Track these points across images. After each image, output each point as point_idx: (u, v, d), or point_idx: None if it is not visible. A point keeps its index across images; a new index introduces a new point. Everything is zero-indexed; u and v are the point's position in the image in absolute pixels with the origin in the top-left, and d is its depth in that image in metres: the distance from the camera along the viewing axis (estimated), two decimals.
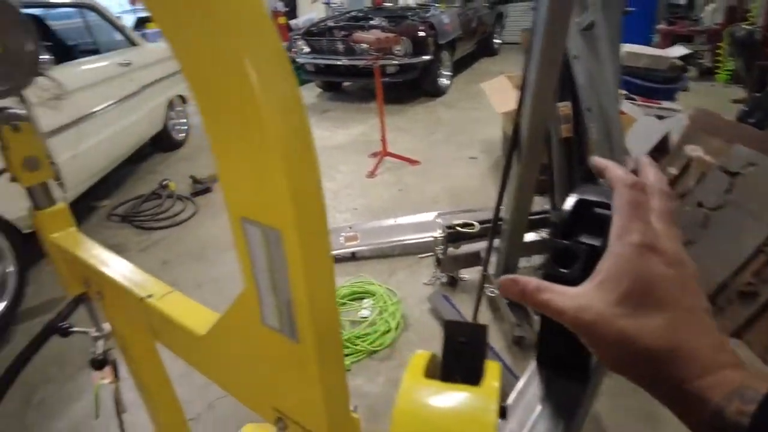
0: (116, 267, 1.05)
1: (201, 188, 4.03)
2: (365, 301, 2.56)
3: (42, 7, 4.05)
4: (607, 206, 0.43)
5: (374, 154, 4.61)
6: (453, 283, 2.70)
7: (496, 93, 4.08)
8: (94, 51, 4.05)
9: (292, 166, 0.52)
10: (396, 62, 5.93)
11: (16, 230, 2.61)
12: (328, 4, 9.57)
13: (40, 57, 1.07)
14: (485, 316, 2.36)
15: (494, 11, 9.16)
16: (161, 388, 1.32)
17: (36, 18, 3.97)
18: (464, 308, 2.40)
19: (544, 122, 1.82)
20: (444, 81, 6.86)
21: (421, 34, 6.06)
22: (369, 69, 4.69)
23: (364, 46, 4.57)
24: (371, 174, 4.30)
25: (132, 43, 4.45)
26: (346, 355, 2.24)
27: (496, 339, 2.26)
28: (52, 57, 3.09)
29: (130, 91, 3.99)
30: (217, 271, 3.05)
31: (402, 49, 5.91)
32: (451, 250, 2.56)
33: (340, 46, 6.21)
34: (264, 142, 0.49)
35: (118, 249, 2.55)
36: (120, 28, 4.40)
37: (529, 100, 1.70)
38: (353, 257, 3.04)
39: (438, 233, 2.62)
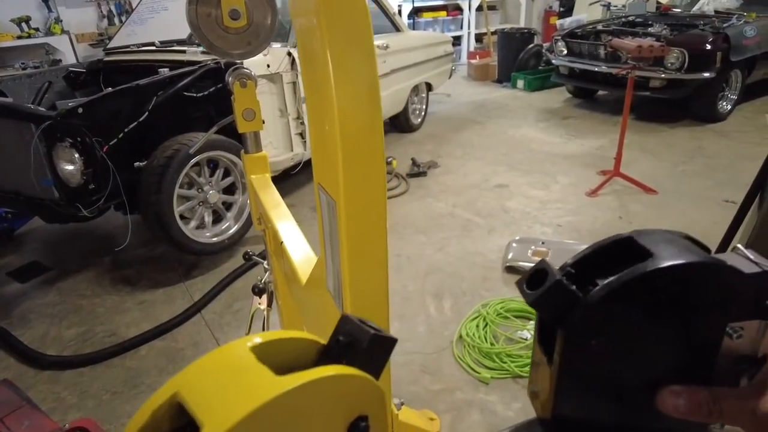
0: (279, 212, 1.21)
1: (417, 171, 4.27)
2: (531, 323, 2.38)
3: None
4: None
5: (604, 172, 4.15)
6: None
7: None
8: None
9: (349, 153, 0.52)
10: (663, 76, 5.15)
11: None
12: (607, 6, 8.84)
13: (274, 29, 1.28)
14: None
15: None
16: (295, 327, 1.49)
17: None
18: None
19: None
20: (725, 106, 5.68)
21: (707, 47, 5.10)
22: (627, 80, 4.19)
23: (623, 53, 4.10)
24: (593, 193, 3.89)
25: (396, 29, 4.92)
26: (490, 368, 2.14)
27: None
28: None
29: (381, 72, 4.45)
30: (404, 248, 3.22)
31: (676, 62, 5.10)
32: None
33: (602, 52, 5.69)
34: (332, 127, 0.51)
35: None
36: (389, 14, 4.90)
37: None
38: None
39: None
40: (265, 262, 1.58)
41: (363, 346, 0.29)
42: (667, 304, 0.35)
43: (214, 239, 3.03)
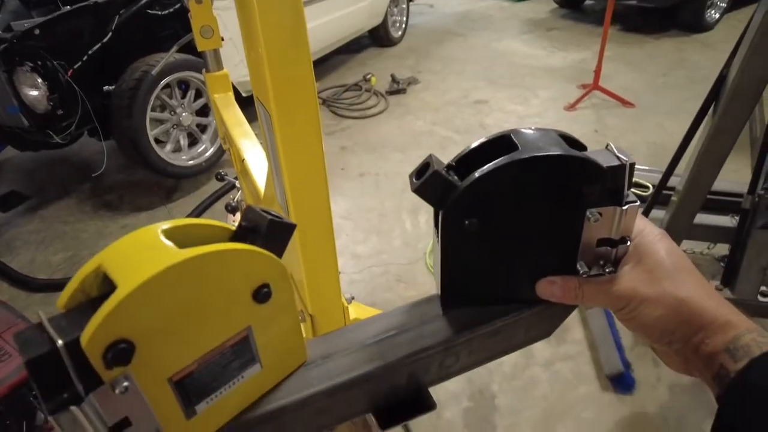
0: (241, 130, 1.24)
1: (396, 88, 4.20)
2: None
3: None
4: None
5: (584, 86, 4.13)
6: None
7: None
8: None
9: (276, 62, 0.55)
10: None
11: (237, 92, 3.16)
12: None
13: None
14: None
15: None
16: None
17: None
18: None
19: (759, 81, 1.39)
20: (713, 14, 5.53)
21: None
22: None
23: None
24: (571, 107, 3.89)
25: None
26: None
27: None
28: None
29: None
30: (382, 167, 3.26)
31: None
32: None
33: None
34: (257, 39, 0.53)
35: None
36: None
37: (752, 33, 1.31)
38: None
39: None
40: (237, 182, 1.63)
41: (263, 229, 0.34)
42: (530, 190, 0.41)
43: (191, 162, 3.04)
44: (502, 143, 0.42)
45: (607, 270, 0.43)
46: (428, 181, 0.40)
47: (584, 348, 1.98)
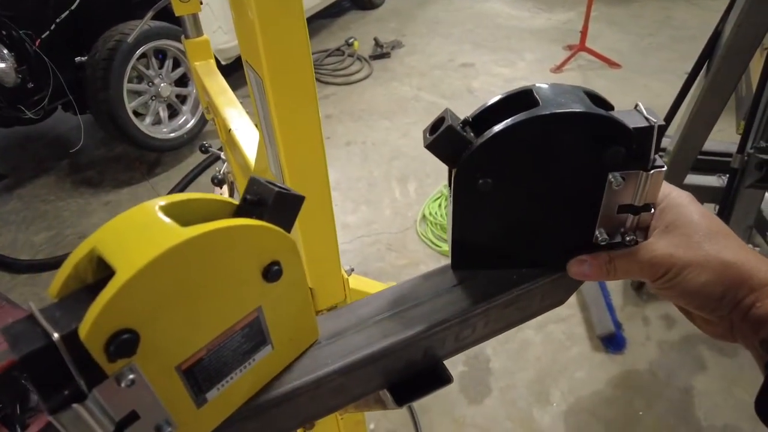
0: (226, 99, 1.19)
1: (380, 52, 4.09)
2: None
3: None
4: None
5: (570, 47, 4.07)
6: None
7: None
8: None
9: (268, 26, 0.51)
10: None
11: (216, 60, 3.04)
12: None
13: None
14: None
15: None
16: None
17: None
18: None
19: (761, 31, 1.36)
20: None
21: None
22: None
23: None
24: (557, 68, 3.84)
25: None
26: None
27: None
28: None
29: None
30: (369, 135, 3.21)
31: None
32: None
33: None
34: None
35: None
36: None
37: (742, 2, 1.28)
38: None
39: None
40: (222, 153, 1.57)
41: (269, 202, 0.32)
42: (549, 149, 0.38)
43: (173, 134, 2.95)
44: (522, 99, 0.40)
45: (627, 239, 0.41)
46: (441, 137, 0.38)
47: (576, 310, 2.01)
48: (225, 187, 1.52)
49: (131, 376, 0.26)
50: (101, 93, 2.50)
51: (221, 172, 1.53)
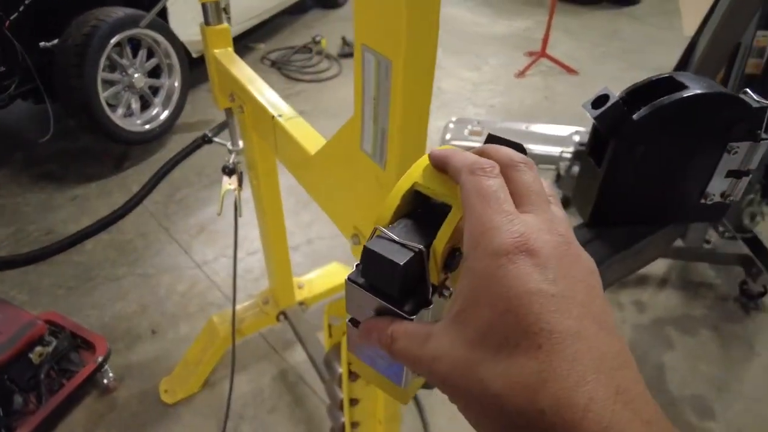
0: (258, 86, 1.20)
1: (349, 51, 4.14)
2: None
3: None
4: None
5: (531, 53, 4.30)
6: (567, 202, 2.60)
7: (692, 12, 3.45)
8: None
9: (414, 10, 0.56)
10: None
11: (187, 52, 2.97)
12: None
13: None
14: None
15: None
16: (273, 205, 1.54)
17: None
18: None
19: (728, 48, 1.55)
20: None
21: None
22: None
23: None
24: (520, 74, 4.05)
25: None
26: None
27: None
28: None
29: None
30: None
31: None
32: (575, 169, 2.43)
33: None
34: None
35: None
36: None
37: (717, 17, 1.45)
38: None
39: (569, 149, 2.49)
40: (229, 143, 1.57)
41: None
42: (692, 122, 0.47)
43: (146, 127, 2.85)
44: (660, 83, 0.48)
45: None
46: (608, 111, 0.45)
47: None
48: (234, 177, 1.51)
49: (450, 289, 0.31)
50: (75, 80, 2.39)
51: (230, 162, 1.52)
